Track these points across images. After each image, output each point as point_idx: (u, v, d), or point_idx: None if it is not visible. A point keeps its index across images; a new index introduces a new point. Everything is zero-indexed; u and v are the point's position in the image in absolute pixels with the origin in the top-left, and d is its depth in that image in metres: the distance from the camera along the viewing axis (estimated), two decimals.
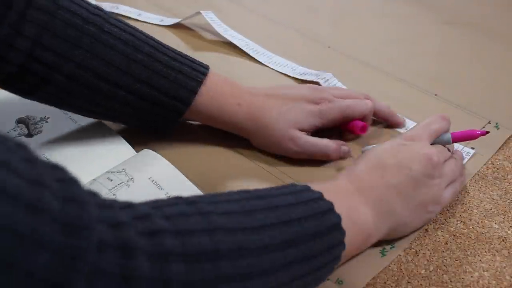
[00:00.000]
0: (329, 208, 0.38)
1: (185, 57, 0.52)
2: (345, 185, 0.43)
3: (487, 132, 0.49)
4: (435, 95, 0.63)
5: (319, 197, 0.38)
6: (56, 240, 0.23)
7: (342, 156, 0.54)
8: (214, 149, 0.55)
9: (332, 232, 0.37)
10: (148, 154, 0.52)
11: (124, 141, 0.55)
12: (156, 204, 0.31)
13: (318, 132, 0.54)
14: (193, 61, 0.53)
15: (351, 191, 0.43)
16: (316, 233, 0.36)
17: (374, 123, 0.59)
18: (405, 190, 0.43)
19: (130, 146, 0.54)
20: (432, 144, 0.48)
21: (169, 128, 0.54)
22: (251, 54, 0.70)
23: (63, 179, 0.25)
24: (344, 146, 0.54)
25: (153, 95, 0.50)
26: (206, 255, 0.29)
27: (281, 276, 0.33)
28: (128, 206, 0.29)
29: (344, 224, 0.38)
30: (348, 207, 0.40)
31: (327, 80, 0.64)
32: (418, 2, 0.84)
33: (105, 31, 0.48)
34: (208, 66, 0.53)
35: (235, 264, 0.30)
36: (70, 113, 0.59)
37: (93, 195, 0.27)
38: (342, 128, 0.56)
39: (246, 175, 0.52)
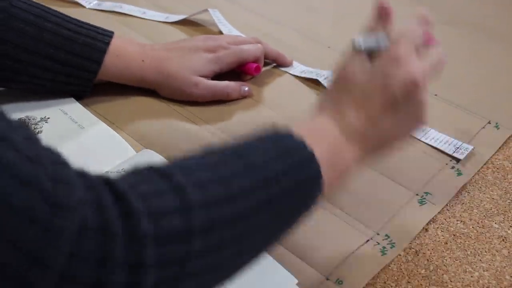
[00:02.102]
0: (310, 157, 0.36)
1: (90, 25, 0.58)
2: (325, 127, 0.41)
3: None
4: (435, 95, 0.63)
5: (302, 145, 0.36)
6: (45, 218, 0.24)
7: (243, 95, 0.62)
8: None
9: (310, 185, 0.37)
10: (148, 154, 0.52)
11: (124, 141, 0.55)
12: (131, 182, 0.30)
13: (219, 77, 0.61)
14: (97, 27, 0.59)
15: (333, 135, 0.40)
16: (295, 189, 0.35)
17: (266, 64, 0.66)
18: (385, 118, 0.40)
19: (130, 146, 0.54)
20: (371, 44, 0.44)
21: (87, 91, 0.59)
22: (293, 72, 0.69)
23: (58, 162, 0.27)
24: (244, 86, 0.62)
25: (68, 58, 0.56)
26: (178, 236, 0.29)
27: (257, 238, 0.34)
28: (107, 183, 0.29)
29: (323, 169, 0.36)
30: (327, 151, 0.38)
31: (327, 77, 0.64)
32: (418, 2, 0.83)
33: (14, 6, 0.55)
34: (112, 31, 0.59)
35: (208, 239, 0.30)
36: (70, 113, 0.59)
37: (82, 176, 0.28)
38: (238, 70, 0.63)
39: None
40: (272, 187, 0.34)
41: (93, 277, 0.26)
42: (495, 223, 0.48)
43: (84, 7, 0.80)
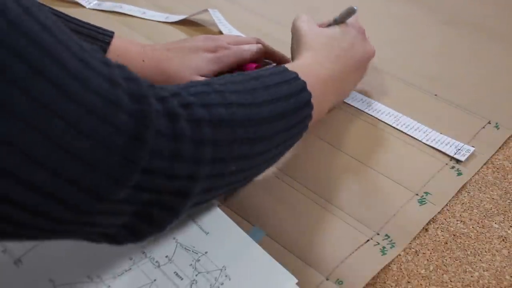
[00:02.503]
0: (303, 86, 0.46)
1: (90, 24, 0.59)
2: (307, 62, 0.53)
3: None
4: (435, 95, 0.63)
5: (296, 76, 0.46)
6: (130, 105, 0.31)
7: None
8: None
9: (304, 108, 0.46)
10: None
11: None
12: (182, 86, 0.39)
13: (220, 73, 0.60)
14: (98, 27, 0.59)
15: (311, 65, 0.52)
16: (295, 108, 0.45)
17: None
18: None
19: None
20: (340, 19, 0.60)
21: None
22: None
23: (127, 76, 0.33)
24: None
25: None
26: (225, 122, 0.38)
27: (273, 141, 0.43)
28: (161, 88, 0.36)
29: (308, 84, 0.46)
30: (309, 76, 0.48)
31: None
32: (418, 2, 0.84)
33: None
34: (113, 31, 0.59)
35: (246, 130, 0.39)
36: None
37: (141, 79, 0.34)
38: (239, 70, 0.62)
39: None
40: (281, 101, 0.43)
41: (170, 149, 0.33)
42: (495, 223, 0.48)
43: (84, 7, 0.80)
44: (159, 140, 0.32)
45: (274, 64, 0.68)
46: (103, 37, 0.58)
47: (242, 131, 0.39)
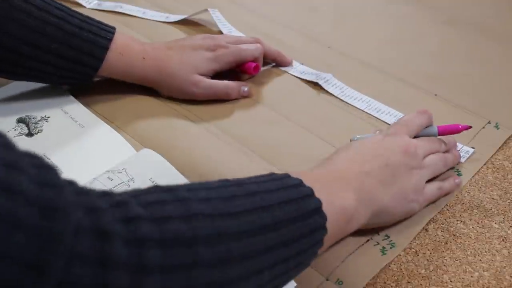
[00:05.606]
0: (309, 193, 0.37)
1: (93, 19, 0.58)
2: (324, 173, 0.44)
3: (470, 127, 0.51)
4: (435, 95, 0.63)
5: (299, 183, 0.38)
6: (33, 223, 0.22)
7: (243, 95, 0.62)
8: (217, 150, 0.55)
9: (312, 216, 0.37)
10: (148, 154, 0.52)
11: (124, 140, 0.55)
12: (134, 193, 0.30)
13: (219, 76, 0.61)
14: (100, 22, 0.58)
15: (331, 179, 0.42)
16: (296, 217, 0.35)
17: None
18: (384, 178, 0.44)
19: (130, 146, 0.54)
20: (418, 137, 0.50)
21: (86, 84, 0.60)
22: (292, 73, 0.69)
23: (40, 166, 0.25)
24: (244, 86, 0.62)
25: (70, 53, 0.55)
26: (183, 241, 0.29)
27: (262, 260, 0.33)
28: (105, 194, 0.29)
29: (325, 208, 0.37)
30: (328, 192, 0.39)
31: (327, 80, 0.64)
32: (418, 2, 0.84)
33: None
34: (114, 27, 0.59)
35: (213, 250, 0.30)
36: (70, 113, 0.59)
37: (70, 182, 0.27)
38: (237, 70, 0.64)
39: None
40: (273, 211, 0.34)
41: (95, 280, 0.24)
42: (495, 223, 0.48)
43: (84, 7, 0.80)
44: (74, 268, 0.24)
45: (274, 64, 0.68)
46: (105, 33, 0.57)
47: (208, 252, 0.29)
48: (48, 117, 0.58)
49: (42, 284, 0.23)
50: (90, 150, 0.54)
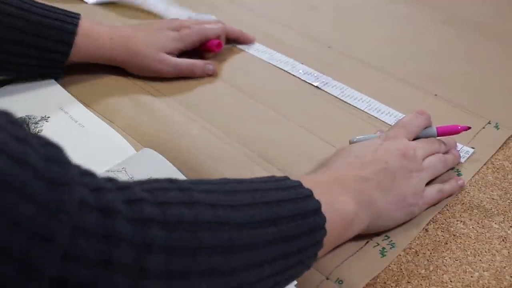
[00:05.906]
0: (308, 194, 0.38)
1: (57, 8, 0.60)
2: (323, 178, 0.44)
3: (469, 128, 0.52)
4: (435, 95, 0.63)
5: (299, 185, 0.38)
6: (40, 194, 0.23)
7: (207, 73, 0.66)
8: (218, 150, 0.55)
9: (312, 216, 0.37)
10: (148, 153, 0.52)
11: (124, 140, 0.55)
12: (138, 182, 0.31)
13: (184, 54, 0.66)
14: (65, 10, 0.60)
15: (330, 183, 0.43)
16: (296, 215, 0.35)
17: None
18: (383, 181, 0.44)
19: (130, 145, 0.54)
20: (417, 138, 0.50)
21: (59, 72, 0.63)
22: (252, 53, 0.70)
23: (47, 144, 0.26)
24: (209, 65, 0.66)
25: (39, 42, 0.57)
26: (186, 225, 0.29)
27: (262, 254, 0.33)
28: (110, 179, 0.29)
29: (324, 210, 0.37)
30: (328, 195, 0.40)
31: (326, 83, 0.64)
32: (417, 1, 0.83)
33: None
34: (79, 13, 0.61)
35: (215, 236, 0.30)
36: (70, 113, 0.59)
37: (76, 164, 0.27)
38: (201, 49, 0.67)
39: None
40: (273, 207, 0.35)
41: (99, 254, 0.24)
42: (495, 223, 0.48)
43: (86, 2, 0.80)
44: (79, 241, 0.24)
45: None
46: (71, 19, 0.59)
47: (210, 238, 0.30)
48: (48, 117, 0.58)
49: (49, 253, 0.23)
50: (90, 150, 0.54)
